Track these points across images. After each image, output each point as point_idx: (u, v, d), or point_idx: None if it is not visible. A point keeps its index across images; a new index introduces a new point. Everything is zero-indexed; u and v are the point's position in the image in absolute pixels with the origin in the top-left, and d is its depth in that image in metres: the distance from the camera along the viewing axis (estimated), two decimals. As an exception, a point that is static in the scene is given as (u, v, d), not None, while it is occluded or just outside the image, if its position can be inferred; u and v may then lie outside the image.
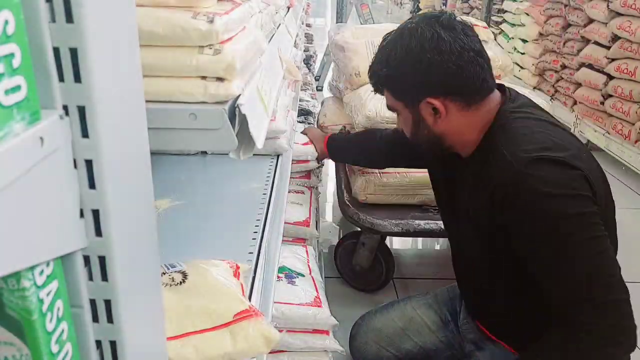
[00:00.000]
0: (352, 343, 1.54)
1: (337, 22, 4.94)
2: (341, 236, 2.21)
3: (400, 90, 1.12)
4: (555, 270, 0.98)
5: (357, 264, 2.04)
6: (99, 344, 0.37)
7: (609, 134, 3.07)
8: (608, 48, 2.92)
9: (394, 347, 1.47)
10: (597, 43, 3.06)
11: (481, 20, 2.99)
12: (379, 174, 1.83)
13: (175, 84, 0.53)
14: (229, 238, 0.91)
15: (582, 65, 3.29)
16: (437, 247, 2.45)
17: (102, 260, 0.35)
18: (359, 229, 1.94)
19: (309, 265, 1.51)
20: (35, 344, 0.31)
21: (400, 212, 1.81)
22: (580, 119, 3.40)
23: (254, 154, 0.62)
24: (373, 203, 1.87)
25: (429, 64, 1.03)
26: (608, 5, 2.84)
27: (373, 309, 1.57)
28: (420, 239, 2.47)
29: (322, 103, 2.49)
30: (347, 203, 1.90)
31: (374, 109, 1.82)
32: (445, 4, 6.15)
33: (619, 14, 2.78)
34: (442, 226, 1.68)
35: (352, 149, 1.74)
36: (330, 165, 2.73)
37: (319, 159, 1.78)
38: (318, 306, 1.31)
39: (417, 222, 1.77)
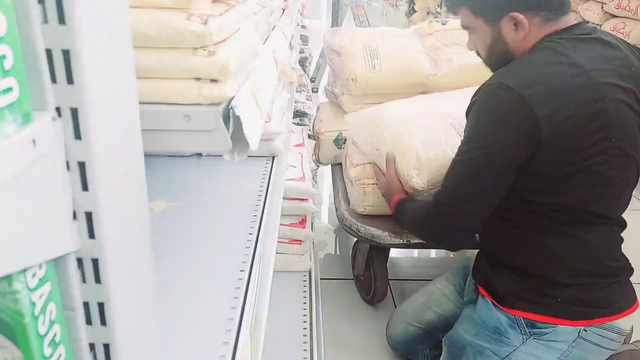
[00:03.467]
0: (387, 331, 1.70)
1: (332, 24, 4.95)
2: (337, 239, 2.20)
3: (482, 6, 1.20)
4: (452, 164, 1.23)
5: (356, 270, 2.02)
6: (92, 346, 0.37)
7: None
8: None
9: (418, 320, 1.59)
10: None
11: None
12: (377, 185, 1.75)
13: (169, 85, 0.52)
14: (224, 240, 0.91)
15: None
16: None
17: (95, 262, 0.35)
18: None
19: None
20: (28, 347, 0.30)
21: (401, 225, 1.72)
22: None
23: (249, 156, 0.62)
24: (372, 214, 1.79)
25: None
26: (602, 7, 2.85)
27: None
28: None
29: (318, 109, 2.43)
30: (345, 213, 1.82)
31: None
32: (440, 6, 6.16)
33: (614, 16, 2.79)
34: None
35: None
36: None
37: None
38: None
39: None
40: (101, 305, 0.36)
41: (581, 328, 1.16)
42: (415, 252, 2.42)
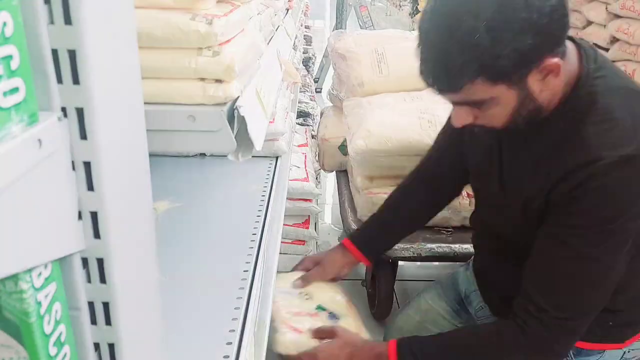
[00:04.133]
0: None
1: (336, 25, 4.94)
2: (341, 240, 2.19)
3: (505, 66, 0.82)
4: (551, 255, 0.94)
5: (365, 281, 1.98)
6: (97, 346, 0.37)
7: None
8: (607, 50, 2.92)
9: None
10: (596, 45, 3.06)
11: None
12: (385, 194, 1.63)
13: (174, 85, 0.53)
14: (227, 240, 0.91)
15: (580, 67, 3.28)
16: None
17: (100, 262, 0.35)
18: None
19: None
20: (33, 346, 0.30)
21: (411, 235, 1.62)
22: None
23: (252, 156, 0.62)
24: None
25: (541, 14, 0.79)
26: (607, 8, 2.84)
27: (399, 310, 1.58)
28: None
29: (322, 114, 2.35)
30: (352, 224, 1.76)
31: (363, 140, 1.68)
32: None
33: (618, 16, 2.78)
34: (455, 250, 1.62)
35: (391, 229, 1.40)
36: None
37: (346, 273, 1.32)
38: None
39: (428, 245, 1.65)
40: (106, 305, 0.36)
41: (626, 349, 1.12)
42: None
